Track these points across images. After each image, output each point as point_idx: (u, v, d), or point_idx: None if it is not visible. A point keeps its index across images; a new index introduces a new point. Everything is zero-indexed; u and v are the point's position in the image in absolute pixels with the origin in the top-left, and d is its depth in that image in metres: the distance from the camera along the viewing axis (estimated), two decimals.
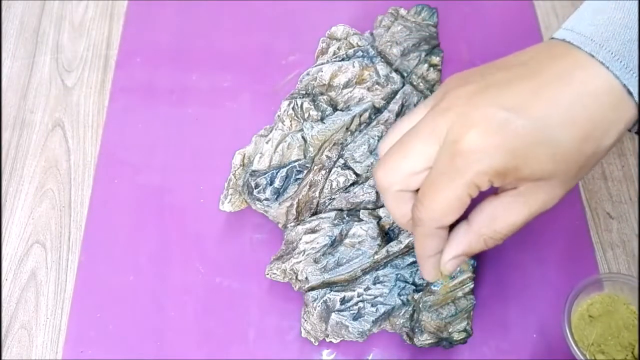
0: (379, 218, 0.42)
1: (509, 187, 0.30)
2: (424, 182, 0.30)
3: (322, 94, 0.46)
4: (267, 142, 0.44)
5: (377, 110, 0.45)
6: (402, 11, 0.51)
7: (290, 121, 0.44)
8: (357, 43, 0.48)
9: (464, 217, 0.32)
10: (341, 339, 0.41)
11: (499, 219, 0.31)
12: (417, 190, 0.31)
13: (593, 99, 0.28)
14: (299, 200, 0.43)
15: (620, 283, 0.40)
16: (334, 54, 0.48)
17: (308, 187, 0.43)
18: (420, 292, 0.40)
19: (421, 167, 0.30)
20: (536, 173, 0.29)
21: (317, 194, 0.44)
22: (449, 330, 0.40)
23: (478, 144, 0.28)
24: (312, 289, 0.41)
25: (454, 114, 0.29)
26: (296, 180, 0.43)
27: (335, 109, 0.45)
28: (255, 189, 0.43)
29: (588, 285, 0.39)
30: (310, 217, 0.44)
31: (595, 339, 0.39)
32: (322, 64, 0.47)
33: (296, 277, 0.42)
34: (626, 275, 0.40)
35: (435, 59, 0.48)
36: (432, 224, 0.31)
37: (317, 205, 0.44)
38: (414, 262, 0.41)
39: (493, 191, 0.31)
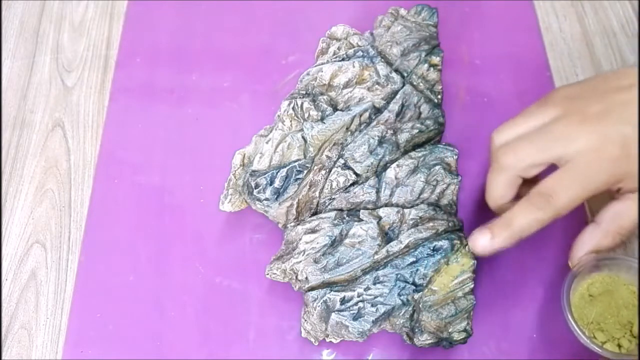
0: (379, 218, 0.42)
1: (628, 191, 0.38)
2: (559, 176, 0.37)
3: (322, 94, 0.46)
4: (267, 142, 0.44)
5: (377, 110, 0.45)
6: (402, 11, 0.51)
7: (290, 121, 0.44)
8: (357, 43, 0.48)
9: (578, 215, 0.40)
10: (341, 339, 0.41)
11: (623, 216, 0.38)
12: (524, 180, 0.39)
13: None
14: (299, 200, 0.43)
15: (620, 264, 0.40)
16: (334, 54, 0.48)
17: (308, 187, 0.43)
18: (420, 292, 0.40)
19: (547, 161, 0.38)
20: None
21: (317, 194, 0.44)
22: (449, 330, 0.40)
23: (617, 155, 0.36)
24: (312, 289, 0.41)
25: (592, 127, 0.36)
26: (296, 180, 0.43)
27: (335, 109, 0.45)
28: (255, 189, 0.43)
29: (588, 265, 0.40)
30: (310, 217, 0.44)
31: (594, 317, 0.40)
32: (322, 64, 0.47)
33: (296, 277, 0.42)
34: (626, 257, 0.41)
35: (436, 59, 0.48)
36: (560, 213, 0.37)
37: (317, 205, 0.44)
38: (414, 262, 0.41)
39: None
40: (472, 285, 0.41)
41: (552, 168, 0.38)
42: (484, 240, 0.39)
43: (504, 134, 0.40)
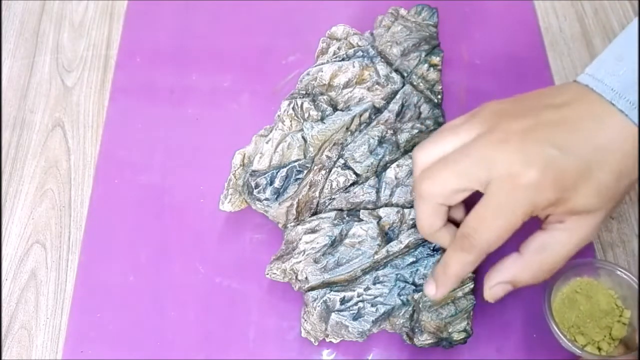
0: (379, 218, 0.42)
1: (556, 221, 0.34)
2: (478, 212, 0.33)
3: (322, 94, 0.46)
4: (267, 142, 0.44)
5: (377, 110, 0.45)
6: (402, 11, 0.51)
7: (290, 121, 0.44)
8: (357, 43, 0.48)
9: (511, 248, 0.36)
10: (341, 339, 0.41)
11: (548, 250, 0.35)
12: (449, 207, 0.36)
13: (622, 142, 0.33)
14: (299, 200, 0.43)
15: (599, 269, 0.41)
16: (334, 54, 0.48)
17: (308, 187, 0.43)
18: (420, 292, 0.40)
19: (469, 187, 0.34)
20: (582, 205, 0.33)
21: (317, 194, 0.44)
22: (449, 330, 0.40)
23: (537, 180, 0.32)
24: (312, 289, 0.41)
25: (512, 148, 0.33)
26: (296, 180, 0.43)
27: (335, 109, 0.45)
28: (255, 189, 0.43)
29: (567, 271, 0.41)
30: (310, 217, 0.44)
31: (575, 321, 0.40)
32: (322, 64, 0.47)
33: (296, 277, 0.42)
34: (605, 262, 0.41)
35: (435, 59, 0.48)
36: (486, 250, 0.34)
37: (317, 205, 0.44)
38: (414, 262, 0.41)
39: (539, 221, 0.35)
40: (472, 285, 0.41)
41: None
42: (431, 291, 0.37)
43: (425, 154, 0.36)
